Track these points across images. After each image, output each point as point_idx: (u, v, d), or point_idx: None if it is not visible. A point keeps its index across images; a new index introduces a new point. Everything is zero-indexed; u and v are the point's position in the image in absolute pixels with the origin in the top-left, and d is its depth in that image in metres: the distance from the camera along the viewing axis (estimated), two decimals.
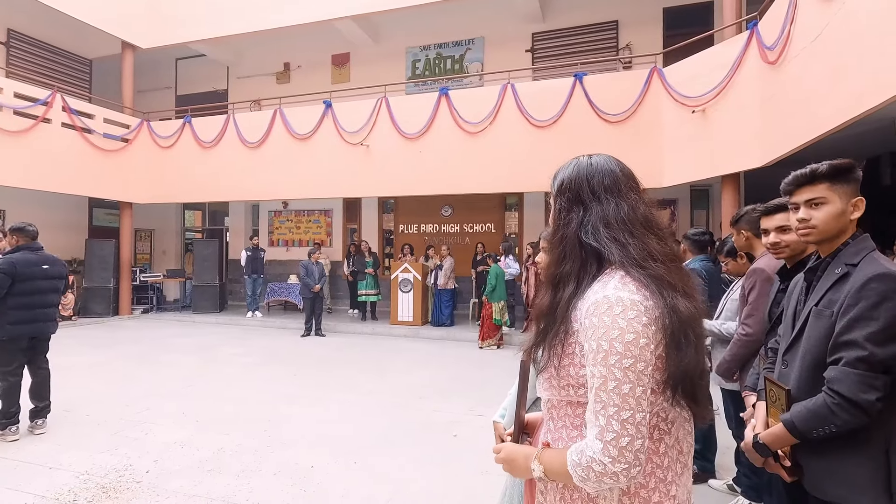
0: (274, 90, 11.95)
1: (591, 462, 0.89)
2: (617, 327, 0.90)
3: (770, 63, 5.36)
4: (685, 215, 9.51)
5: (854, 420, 1.29)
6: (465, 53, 10.99)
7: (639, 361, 0.89)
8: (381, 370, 6.18)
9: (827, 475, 1.37)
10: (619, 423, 0.88)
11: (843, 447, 1.35)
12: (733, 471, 3.05)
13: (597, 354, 0.91)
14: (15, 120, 8.38)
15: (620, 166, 1.09)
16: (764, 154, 5.72)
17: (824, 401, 1.32)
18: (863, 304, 1.32)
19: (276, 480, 3.17)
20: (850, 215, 1.45)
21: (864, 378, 1.27)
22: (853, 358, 1.29)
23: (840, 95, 4.12)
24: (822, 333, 1.40)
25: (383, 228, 11.72)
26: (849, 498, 1.34)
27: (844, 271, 1.40)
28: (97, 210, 12.25)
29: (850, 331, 1.32)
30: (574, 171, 1.09)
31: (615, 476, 0.88)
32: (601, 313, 0.92)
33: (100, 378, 5.65)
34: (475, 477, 3.23)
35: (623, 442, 0.88)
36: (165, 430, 4.01)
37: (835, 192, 1.44)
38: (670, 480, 0.97)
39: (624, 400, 0.88)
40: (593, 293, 0.96)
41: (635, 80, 7.61)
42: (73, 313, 9.90)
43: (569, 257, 1.03)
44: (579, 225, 1.04)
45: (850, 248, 1.44)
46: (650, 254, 0.98)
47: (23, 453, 3.57)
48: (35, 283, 3.90)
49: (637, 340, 0.89)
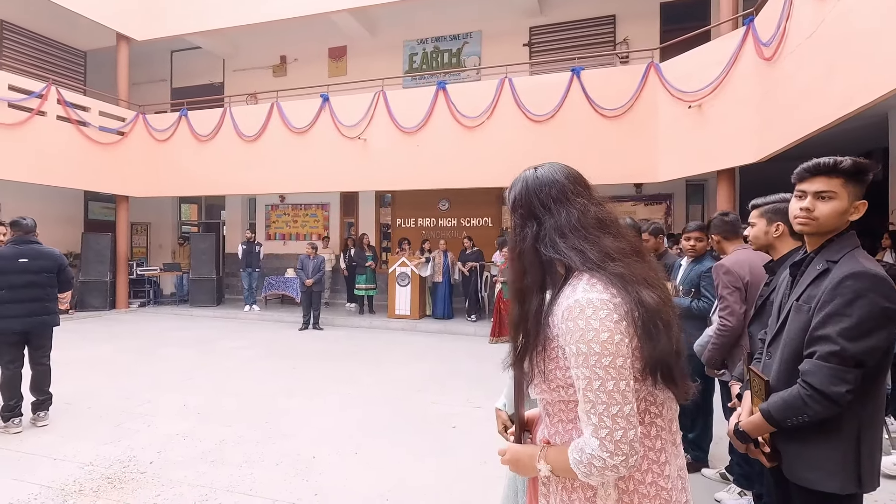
0: (270, 83, 11.90)
1: (592, 458, 0.95)
2: (591, 328, 0.94)
3: (766, 59, 5.41)
4: (681, 210, 9.59)
5: (825, 411, 1.36)
6: (463, 47, 10.97)
7: (617, 357, 0.94)
8: (380, 363, 6.23)
9: (801, 460, 1.46)
10: (610, 418, 0.93)
11: (815, 435, 1.43)
12: (726, 460, 3.13)
13: (578, 357, 0.96)
14: (10, 112, 8.33)
15: (566, 173, 1.11)
16: (759, 149, 5.77)
17: (798, 392, 1.40)
18: (838, 300, 1.38)
19: (279, 471, 3.22)
20: (850, 216, 1.47)
21: (836, 371, 1.34)
22: (826, 352, 1.36)
23: (834, 92, 4.17)
24: (801, 327, 1.46)
25: (380, 222, 11.74)
26: (819, 482, 1.42)
27: (825, 267, 1.46)
28: (93, 203, 12.21)
29: (825, 326, 1.38)
30: (522, 186, 1.13)
31: (615, 468, 0.94)
32: (575, 317, 0.96)
33: (99, 371, 5.68)
34: (474, 467, 3.29)
35: (617, 435, 0.93)
36: (167, 422, 4.06)
37: (846, 189, 1.45)
38: (664, 461, 1.01)
39: (610, 396, 0.93)
40: (565, 298, 1.01)
41: (632, 74, 7.64)
42: (69, 307, 9.88)
43: (529, 270, 1.08)
44: (535, 238, 1.07)
45: (833, 244, 1.49)
46: (607, 254, 1.02)
47: (26, 445, 3.61)
48: (6, 278, 3.85)
49: (612, 338, 0.94)
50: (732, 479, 2.94)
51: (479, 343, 7.59)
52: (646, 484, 1.00)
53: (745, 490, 2.80)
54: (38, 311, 3.99)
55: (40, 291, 4.01)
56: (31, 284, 3.96)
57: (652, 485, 1.00)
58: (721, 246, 2.91)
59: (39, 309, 4.00)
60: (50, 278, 4.09)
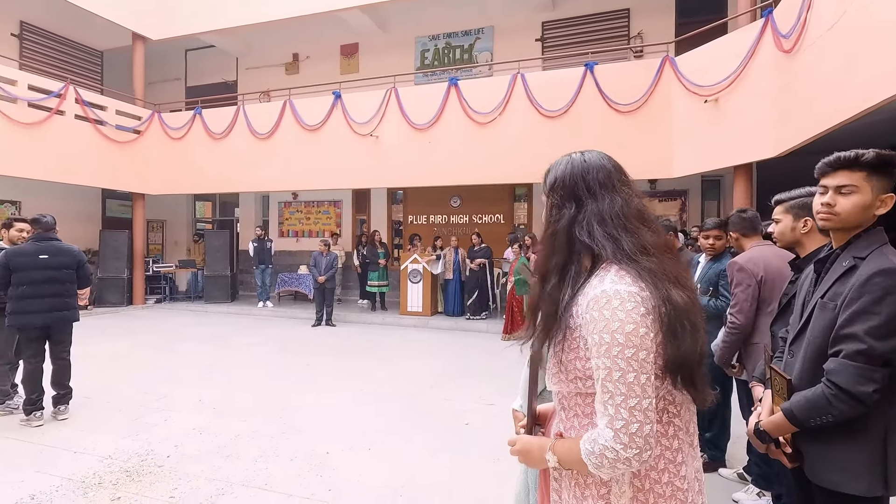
0: (283, 81, 11.97)
1: (604, 450, 0.93)
2: (616, 319, 0.93)
3: (785, 51, 5.30)
4: (696, 206, 9.45)
5: (851, 411, 1.33)
6: (475, 43, 10.92)
7: (640, 350, 0.93)
8: (392, 359, 6.25)
9: (824, 462, 1.42)
10: (628, 410, 0.92)
11: (840, 435, 1.39)
12: (744, 460, 3.08)
13: (600, 347, 0.95)
14: (29, 112, 8.49)
15: (612, 162, 1.11)
16: (777, 144, 5.66)
17: (823, 391, 1.36)
18: (866, 297, 1.34)
19: (293, 466, 3.25)
20: (876, 210, 1.42)
21: (863, 371, 1.31)
22: (853, 351, 1.33)
23: (856, 84, 4.07)
24: (826, 325, 1.42)
25: (392, 219, 11.76)
26: (844, 484, 1.38)
27: (851, 264, 1.42)
28: (110, 201, 12.41)
29: (852, 324, 1.34)
30: (568, 167, 1.11)
31: (628, 461, 0.92)
32: (601, 307, 0.95)
33: (118, 366, 5.78)
34: (487, 464, 3.29)
35: (633, 428, 0.92)
36: (184, 417, 4.11)
37: (869, 182, 1.40)
38: (680, 461, 1.00)
39: (630, 388, 0.92)
40: (591, 288, 0.99)
41: (647, 69, 7.53)
42: (88, 303, 10.07)
43: (559, 252, 1.07)
44: (572, 221, 1.07)
45: (861, 240, 1.44)
46: (643, 247, 1.01)
47: (48, 438, 3.69)
48: (27, 274, 3.93)
49: (637, 330, 0.93)
50: (751, 480, 2.89)
51: (491, 340, 7.58)
52: (662, 484, 0.99)
53: (763, 490, 2.76)
54: (58, 306, 4.05)
55: (60, 287, 4.07)
56: (52, 280, 4.02)
57: (668, 485, 0.99)
58: (739, 243, 2.86)
59: (60, 304, 4.06)
60: (69, 274, 4.15)
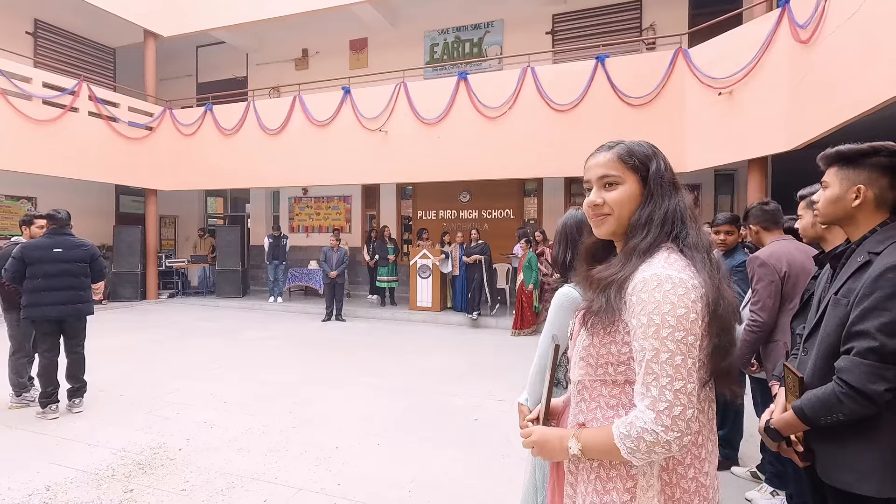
0: (293, 76, 12.00)
1: (643, 433, 0.92)
2: (668, 302, 0.93)
3: (802, 42, 5.18)
4: (709, 201, 9.32)
5: (862, 410, 1.30)
6: (484, 37, 10.83)
7: (689, 334, 0.92)
8: (402, 354, 6.27)
9: (836, 461, 1.39)
10: (673, 392, 0.91)
11: (852, 434, 1.36)
12: (757, 458, 3.04)
13: (647, 328, 0.94)
14: (44, 109, 8.60)
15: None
16: (793, 137, 5.55)
17: (833, 389, 1.33)
18: (878, 293, 1.30)
19: (303, 460, 3.27)
20: (851, 202, 1.43)
21: (874, 369, 1.27)
22: (864, 348, 1.30)
23: (877, 75, 3.96)
24: (838, 322, 1.39)
25: (402, 215, 11.76)
26: (854, 484, 1.35)
27: (866, 259, 1.39)
28: (123, 197, 12.56)
29: (863, 321, 1.31)
30: (651, 151, 1.10)
31: (667, 445, 0.91)
32: (651, 289, 0.95)
33: (131, 360, 5.86)
34: (496, 460, 3.28)
35: (676, 411, 0.91)
36: (196, 411, 4.16)
37: (837, 176, 1.46)
38: (703, 457, 1.01)
39: (677, 371, 0.91)
40: (640, 272, 0.98)
41: (659, 61, 7.42)
42: (103, 297, 10.23)
43: (650, 234, 1.04)
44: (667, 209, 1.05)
45: (876, 235, 1.41)
46: (702, 241, 1.05)
47: (63, 430, 3.75)
48: (41, 267, 3.98)
49: (688, 315, 0.93)
50: (764, 479, 2.85)
51: (500, 335, 7.57)
52: (687, 479, 0.99)
53: (777, 490, 2.71)
54: (72, 299, 4.10)
55: (74, 281, 4.13)
56: (65, 273, 4.08)
57: (693, 480, 0.99)
58: (759, 237, 2.75)
59: (74, 297, 4.11)
60: (83, 268, 4.20)
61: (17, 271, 3.94)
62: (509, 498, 2.77)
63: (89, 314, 4.26)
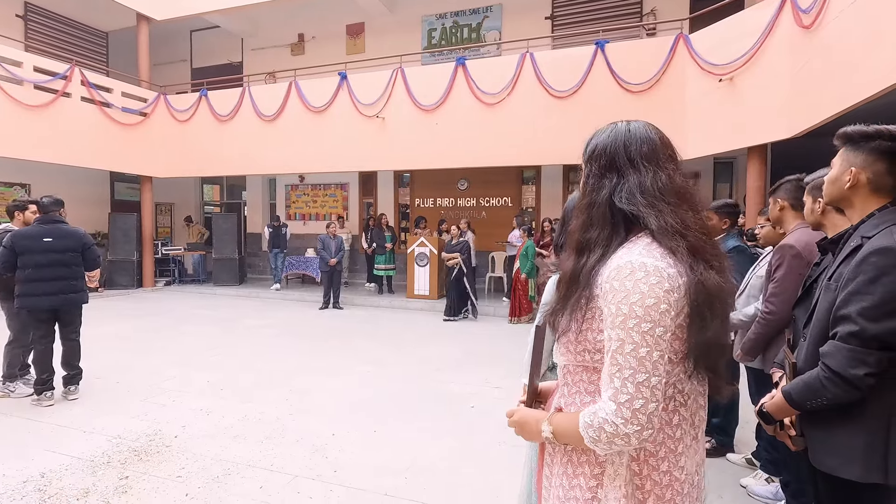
0: (288, 62, 11.84)
1: (604, 423, 0.90)
2: (638, 291, 0.90)
3: (804, 27, 5.11)
4: (707, 188, 9.28)
5: (844, 394, 1.30)
6: (483, 22, 10.69)
7: (657, 326, 0.89)
8: (399, 342, 6.26)
9: (824, 446, 1.41)
10: (634, 385, 0.89)
11: (838, 419, 1.37)
12: (752, 445, 3.05)
13: (615, 318, 0.91)
14: (36, 94, 8.47)
15: (659, 134, 1.06)
16: (794, 124, 5.50)
17: (818, 374, 1.34)
18: (861, 278, 1.31)
19: (299, 447, 3.26)
20: (844, 184, 1.44)
21: (855, 353, 1.27)
22: (846, 333, 1.30)
23: (881, 60, 3.91)
24: (828, 307, 1.40)
25: (399, 202, 11.70)
26: (839, 468, 1.36)
27: (858, 243, 1.38)
28: (118, 184, 12.46)
29: (846, 305, 1.32)
30: (611, 136, 1.06)
31: (626, 437, 0.89)
32: (623, 278, 0.92)
33: (128, 347, 5.84)
34: (492, 447, 3.28)
35: (637, 404, 0.88)
36: (192, 398, 4.15)
37: (840, 157, 1.45)
38: (680, 451, 0.98)
39: (640, 363, 0.89)
40: (617, 258, 0.95)
41: (659, 47, 7.33)
42: (98, 285, 10.17)
43: (597, 224, 1.02)
44: (612, 191, 1.02)
45: (872, 219, 1.40)
46: (685, 223, 0.97)
47: (58, 417, 3.74)
48: (32, 258, 3.91)
49: (658, 305, 0.89)
50: (759, 465, 2.86)
51: (497, 323, 7.57)
52: (660, 472, 0.97)
53: (772, 476, 2.72)
54: (65, 289, 4.04)
55: (66, 270, 4.06)
56: (56, 263, 4.01)
57: (666, 473, 0.97)
58: (783, 214, 2.43)
59: (66, 287, 4.05)
60: (74, 257, 4.12)
61: (7, 261, 3.88)
62: (506, 484, 2.77)
63: (83, 303, 4.22)
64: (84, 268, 4.23)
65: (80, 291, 4.18)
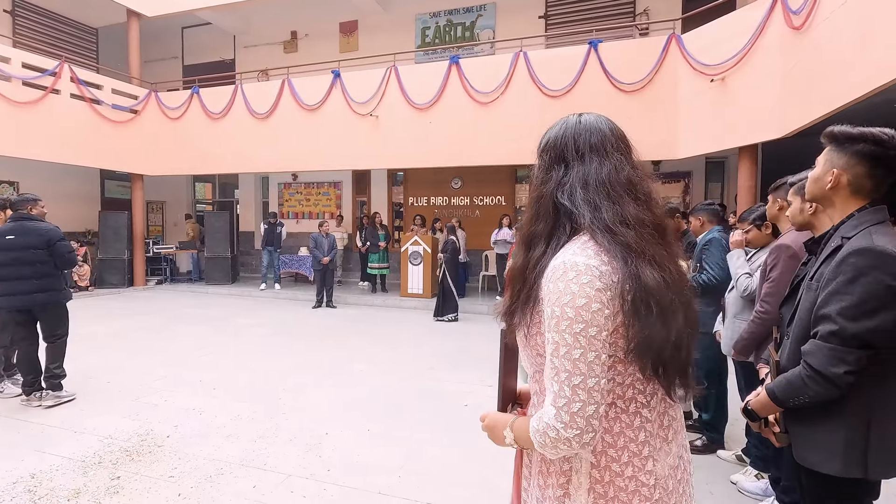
0: (281, 59, 11.77)
1: (547, 429, 0.89)
2: (569, 292, 0.88)
3: (795, 28, 5.15)
4: (699, 188, 9.36)
5: (825, 392, 1.33)
6: (477, 20, 10.68)
7: (590, 327, 0.87)
8: (392, 341, 6.26)
9: (806, 442, 1.44)
10: (571, 388, 0.87)
11: (820, 416, 1.40)
12: (743, 441, 3.08)
13: (550, 320, 0.90)
14: (24, 91, 8.36)
15: (611, 126, 1.04)
16: (784, 124, 5.55)
17: (800, 372, 1.37)
18: (840, 278, 1.33)
19: (292, 446, 3.26)
20: (825, 185, 1.46)
21: (835, 352, 1.30)
22: (826, 332, 1.33)
23: (870, 61, 3.96)
24: (809, 306, 1.43)
25: (393, 201, 11.68)
26: (820, 464, 1.39)
27: (838, 244, 1.40)
28: (109, 182, 12.33)
29: (827, 304, 1.35)
30: (561, 129, 1.06)
31: (568, 442, 0.88)
32: (556, 279, 0.90)
33: (118, 347, 5.79)
34: (485, 446, 3.25)
35: (574, 408, 0.87)
36: (184, 398, 4.12)
37: (825, 156, 1.47)
38: (646, 455, 0.94)
39: (574, 365, 0.87)
40: (555, 258, 0.94)
41: (652, 47, 7.37)
42: (89, 284, 10.09)
43: (542, 217, 1.02)
44: (557, 184, 1.01)
45: (852, 220, 1.42)
46: (623, 219, 0.94)
47: (48, 418, 3.70)
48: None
49: (589, 305, 0.87)
50: (749, 461, 2.89)
51: (490, 322, 7.58)
52: (624, 477, 0.94)
53: (762, 472, 2.75)
54: (29, 289, 3.83)
55: (29, 269, 3.84)
56: (17, 262, 3.81)
57: (631, 479, 0.93)
58: (781, 214, 2.42)
59: (30, 287, 3.83)
60: (37, 255, 3.87)
61: None
62: (500, 483, 2.78)
63: (53, 303, 3.95)
64: (56, 266, 3.98)
65: (49, 291, 3.91)
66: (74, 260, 4.15)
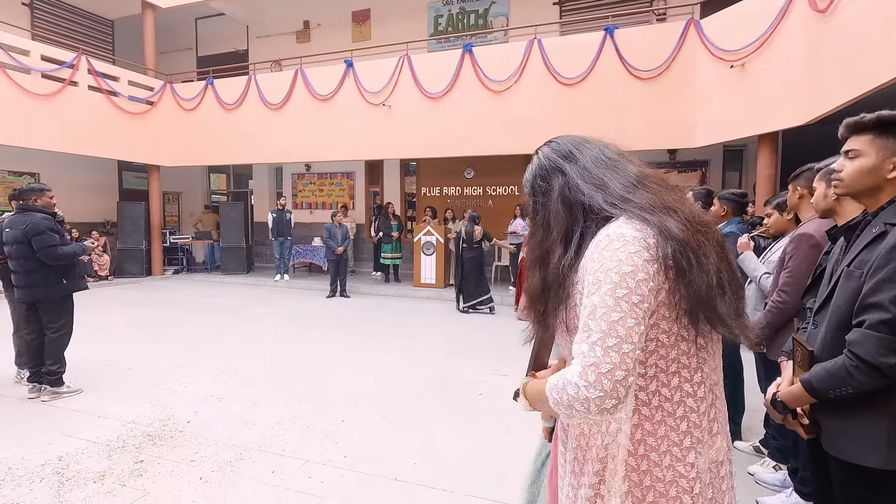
0: (294, 49, 11.76)
1: (567, 385, 0.87)
2: (615, 259, 0.87)
3: (819, 11, 5.00)
4: (717, 177, 9.19)
5: (872, 382, 1.28)
6: (490, 7, 10.55)
7: (633, 294, 0.85)
8: (406, 331, 6.30)
9: (843, 434, 1.39)
10: (603, 349, 0.84)
11: (860, 407, 1.35)
12: (760, 433, 3.05)
13: (592, 286, 0.89)
14: (43, 83, 8.49)
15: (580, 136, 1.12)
16: (806, 111, 5.42)
17: (844, 362, 1.32)
18: (893, 265, 1.27)
19: (309, 433, 3.31)
20: (887, 174, 1.38)
21: (886, 342, 1.25)
22: (876, 321, 1.27)
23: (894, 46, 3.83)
24: (850, 294, 1.37)
25: (405, 191, 11.68)
26: (861, 456, 1.35)
27: (882, 230, 1.35)
28: (126, 173, 12.51)
29: (877, 292, 1.29)
30: (535, 162, 1.11)
31: (586, 402, 0.83)
32: (601, 248, 0.90)
33: (138, 335, 5.91)
34: (499, 434, 3.31)
35: (603, 368, 0.83)
36: (203, 385, 4.21)
37: (874, 146, 1.38)
38: (687, 446, 0.92)
39: (611, 327, 0.84)
40: (599, 232, 0.94)
41: (670, 33, 7.21)
42: (109, 273, 10.29)
43: (554, 226, 1.02)
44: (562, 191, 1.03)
45: (894, 206, 1.37)
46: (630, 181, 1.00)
47: (73, 403, 3.81)
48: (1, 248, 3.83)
49: (635, 273, 0.86)
50: (767, 453, 2.87)
51: (503, 311, 7.58)
52: (662, 467, 0.92)
53: (780, 464, 2.73)
54: (20, 282, 3.80)
55: (14, 263, 3.80)
56: (19, 255, 3.78)
57: (669, 468, 0.92)
58: (802, 202, 2.42)
59: (21, 281, 3.79)
60: (22, 250, 3.75)
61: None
62: (512, 471, 2.80)
63: (41, 298, 3.81)
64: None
65: (35, 287, 3.78)
66: (54, 255, 3.77)
